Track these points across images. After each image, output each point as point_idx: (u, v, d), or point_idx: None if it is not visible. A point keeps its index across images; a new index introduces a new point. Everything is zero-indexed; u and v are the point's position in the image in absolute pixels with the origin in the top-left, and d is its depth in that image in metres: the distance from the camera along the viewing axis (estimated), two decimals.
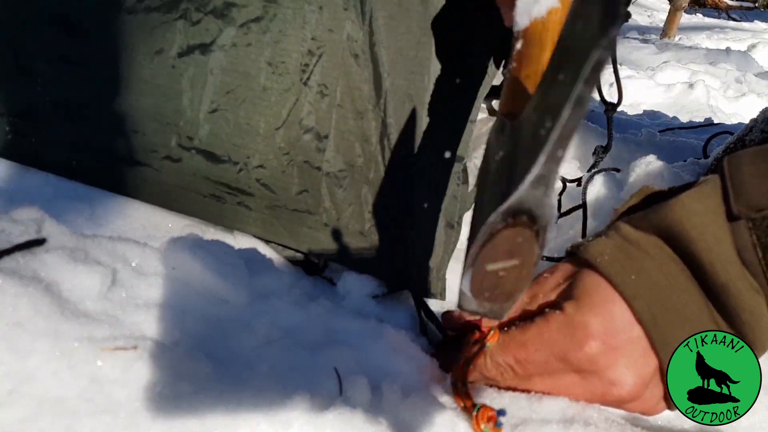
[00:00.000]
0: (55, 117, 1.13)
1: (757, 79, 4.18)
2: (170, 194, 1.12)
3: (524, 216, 0.51)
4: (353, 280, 1.10)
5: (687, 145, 1.83)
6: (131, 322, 0.70)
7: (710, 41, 6.52)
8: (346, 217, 1.12)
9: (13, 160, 1.14)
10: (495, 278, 0.57)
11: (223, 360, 0.74)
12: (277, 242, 1.13)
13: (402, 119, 1.09)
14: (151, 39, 1.09)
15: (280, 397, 0.68)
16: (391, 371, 0.89)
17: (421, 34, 1.07)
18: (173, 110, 1.09)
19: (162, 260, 0.81)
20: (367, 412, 0.73)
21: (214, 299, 0.82)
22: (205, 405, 0.64)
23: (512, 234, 0.52)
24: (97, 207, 1.10)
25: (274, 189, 1.10)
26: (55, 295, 0.66)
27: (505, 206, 0.50)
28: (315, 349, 0.83)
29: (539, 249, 0.54)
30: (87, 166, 1.13)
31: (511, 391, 0.92)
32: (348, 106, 1.08)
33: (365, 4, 1.05)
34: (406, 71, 1.08)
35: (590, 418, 0.87)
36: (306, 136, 1.09)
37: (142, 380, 0.63)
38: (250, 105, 1.08)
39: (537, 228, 0.52)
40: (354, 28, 1.06)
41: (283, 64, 1.07)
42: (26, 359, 0.60)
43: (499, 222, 0.52)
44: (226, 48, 1.07)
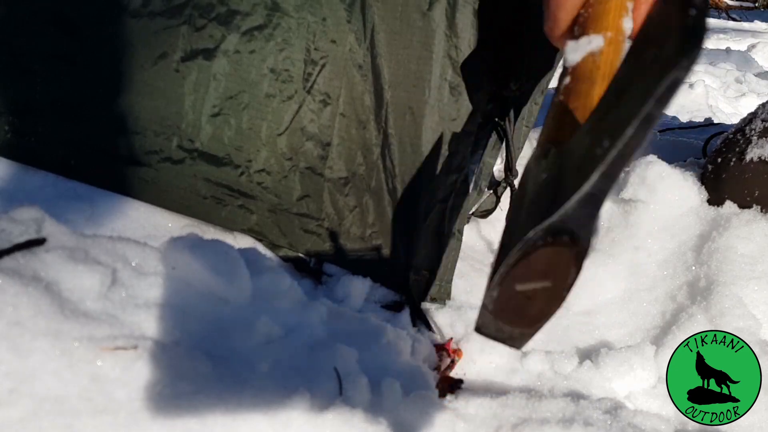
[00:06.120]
0: (54, 116, 1.13)
1: (757, 79, 4.17)
2: (170, 195, 1.12)
3: (566, 236, 0.48)
4: (353, 282, 1.11)
5: (687, 144, 1.83)
6: (131, 322, 0.70)
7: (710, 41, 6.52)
8: (347, 223, 1.14)
9: (13, 160, 1.15)
10: (523, 300, 0.53)
11: (223, 360, 0.74)
12: (278, 245, 1.14)
13: (403, 130, 1.12)
14: (154, 43, 1.10)
15: (279, 397, 0.68)
16: (391, 371, 0.89)
17: (422, 48, 1.09)
18: (175, 113, 1.10)
19: (162, 260, 0.81)
20: (367, 412, 0.73)
21: (215, 299, 0.82)
22: (205, 404, 0.64)
23: (550, 253, 0.49)
24: (97, 207, 1.10)
25: (276, 193, 1.12)
26: (55, 294, 0.66)
27: (547, 223, 0.47)
28: (315, 349, 0.84)
29: (575, 273, 0.51)
30: (87, 166, 1.14)
31: (509, 393, 0.92)
32: (350, 116, 1.11)
33: (367, 17, 1.08)
34: (406, 84, 1.11)
35: (590, 417, 0.87)
36: (308, 143, 1.11)
37: (142, 380, 0.63)
38: (253, 110, 1.10)
39: (577, 250, 0.49)
40: (356, 40, 1.09)
41: (287, 72, 1.09)
42: (26, 358, 0.60)
43: (538, 239, 0.49)
44: (229, 54, 1.09)
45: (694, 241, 1.24)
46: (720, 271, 1.15)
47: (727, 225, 1.21)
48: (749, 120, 1.35)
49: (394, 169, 1.12)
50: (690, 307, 1.12)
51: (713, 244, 1.19)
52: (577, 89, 0.61)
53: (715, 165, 1.32)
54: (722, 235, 1.20)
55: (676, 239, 1.26)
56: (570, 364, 1.05)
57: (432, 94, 1.10)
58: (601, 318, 1.21)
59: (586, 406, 0.90)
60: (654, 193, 1.28)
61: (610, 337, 1.17)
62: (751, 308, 1.09)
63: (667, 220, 1.28)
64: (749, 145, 1.28)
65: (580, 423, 0.84)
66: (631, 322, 1.19)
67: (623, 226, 1.30)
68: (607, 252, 1.28)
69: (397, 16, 1.08)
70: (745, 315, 1.08)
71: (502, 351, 1.05)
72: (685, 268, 1.22)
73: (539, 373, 1.04)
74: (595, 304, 1.24)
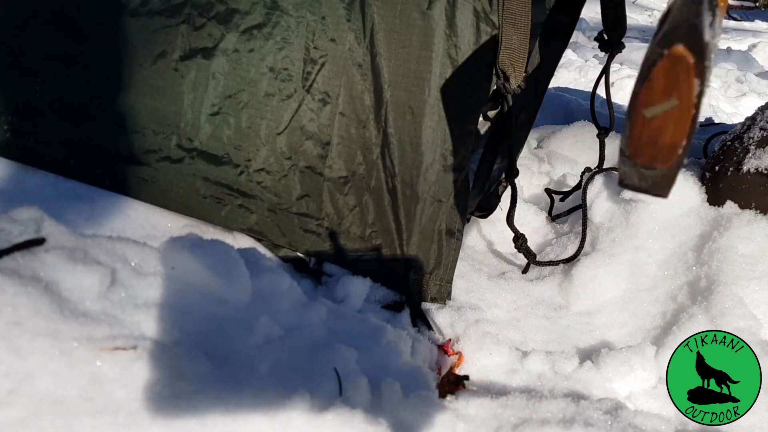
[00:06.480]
0: (54, 116, 1.13)
1: (758, 78, 4.17)
2: (170, 194, 1.12)
3: (680, 43, 0.48)
4: (353, 282, 1.11)
5: None
6: (131, 322, 0.70)
7: None
8: (347, 222, 1.14)
9: (12, 160, 1.15)
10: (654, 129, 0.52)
11: (223, 360, 0.74)
12: (278, 244, 1.14)
13: (403, 129, 1.12)
14: (153, 42, 1.10)
15: (279, 397, 0.68)
16: (391, 371, 0.89)
17: (422, 47, 1.09)
18: (174, 112, 1.10)
19: (161, 260, 0.81)
20: (367, 413, 0.73)
21: (214, 299, 0.81)
22: (205, 405, 0.64)
23: (668, 65, 0.49)
24: (96, 207, 1.10)
25: (276, 192, 1.12)
26: (54, 294, 0.66)
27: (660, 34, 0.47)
28: (315, 349, 0.83)
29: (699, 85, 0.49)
30: (86, 166, 1.14)
31: (510, 393, 0.92)
32: (350, 115, 1.11)
33: (367, 16, 1.08)
34: (406, 83, 1.11)
35: (590, 418, 0.87)
36: (308, 142, 1.11)
37: (141, 380, 0.63)
38: (252, 109, 1.10)
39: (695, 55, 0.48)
40: (356, 39, 1.09)
41: (286, 70, 1.09)
42: (26, 359, 0.60)
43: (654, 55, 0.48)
44: (228, 53, 1.09)
45: (695, 241, 1.24)
46: (721, 271, 1.15)
47: (727, 225, 1.21)
48: (747, 127, 1.34)
49: (393, 168, 1.12)
50: (691, 308, 1.12)
51: (714, 244, 1.19)
52: None
53: (713, 173, 1.32)
54: (723, 235, 1.20)
55: (676, 239, 1.26)
56: (570, 365, 1.05)
57: (432, 93, 1.10)
58: (601, 318, 1.21)
59: (587, 407, 0.89)
60: None
61: (611, 337, 1.17)
62: (751, 308, 1.09)
63: (667, 220, 1.28)
64: (746, 154, 1.27)
65: (580, 423, 0.84)
66: (632, 322, 1.19)
67: (624, 226, 1.30)
68: (608, 252, 1.28)
69: (397, 15, 1.08)
70: (745, 315, 1.08)
71: (503, 351, 1.05)
72: (685, 268, 1.21)
73: (540, 373, 1.04)
74: (595, 305, 1.24)
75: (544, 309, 1.24)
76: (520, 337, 1.14)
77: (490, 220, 1.43)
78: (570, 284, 1.26)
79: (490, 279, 1.28)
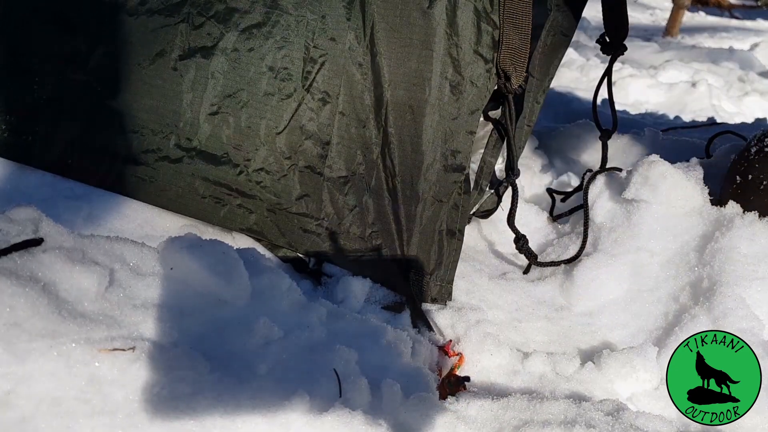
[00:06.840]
0: (52, 116, 1.13)
1: (760, 78, 4.17)
2: (169, 194, 1.12)
3: None
4: (353, 282, 1.11)
5: (690, 144, 1.82)
6: (129, 323, 0.70)
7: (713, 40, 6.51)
8: (347, 222, 1.13)
9: (10, 159, 1.14)
10: None
11: (222, 361, 0.73)
12: (277, 244, 1.14)
13: (403, 129, 1.12)
14: (152, 41, 1.10)
15: (278, 399, 0.67)
16: (391, 372, 0.89)
17: (422, 46, 1.09)
18: (172, 111, 1.10)
19: (160, 260, 0.80)
20: (367, 414, 0.73)
21: (213, 300, 0.81)
22: (204, 406, 0.63)
23: None
24: (94, 207, 1.09)
25: (275, 192, 1.12)
26: (52, 295, 0.66)
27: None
28: (314, 350, 0.83)
29: None
30: (84, 166, 1.13)
31: (511, 394, 0.92)
32: (350, 114, 1.11)
33: (367, 15, 1.08)
34: (407, 83, 1.10)
35: (592, 419, 0.87)
36: (308, 141, 1.11)
37: (140, 381, 0.63)
38: (251, 109, 1.10)
39: None
40: (356, 38, 1.09)
41: (285, 70, 1.09)
42: (24, 360, 0.60)
43: None
44: (227, 52, 1.09)
45: (697, 241, 1.24)
46: (723, 272, 1.14)
47: (730, 225, 1.20)
48: None
49: (394, 168, 1.11)
50: (693, 308, 1.11)
51: (716, 245, 1.19)
52: None
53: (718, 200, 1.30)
54: (725, 235, 1.19)
55: (678, 239, 1.26)
56: (572, 366, 1.04)
57: (432, 92, 1.10)
58: (603, 319, 1.21)
59: (588, 408, 0.89)
60: (656, 192, 1.27)
61: (613, 338, 1.17)
62: (754, 309, 1.09)
63: (669, 220, 1.28)
64: None
65: (582, 425, 0.84)
66: (634, 323, 1.19)
67: (625, 227, 1.29)
68: (609, 252, 1.27)
69: (397, 14, 1.08)
70: (748, 316, 1.07)
71: (504, 352, 1.05)
72: (687, 269, 1.21)
73: (541, 374, 1.03)
74: (597, 305, 1.23)
75: (546, 310, 1.23)
76: (521, 338, 1.14)
77: (491, 221, 1.42)
78: (571, 285, 1.26)
79: (491, 279, 1.28)
